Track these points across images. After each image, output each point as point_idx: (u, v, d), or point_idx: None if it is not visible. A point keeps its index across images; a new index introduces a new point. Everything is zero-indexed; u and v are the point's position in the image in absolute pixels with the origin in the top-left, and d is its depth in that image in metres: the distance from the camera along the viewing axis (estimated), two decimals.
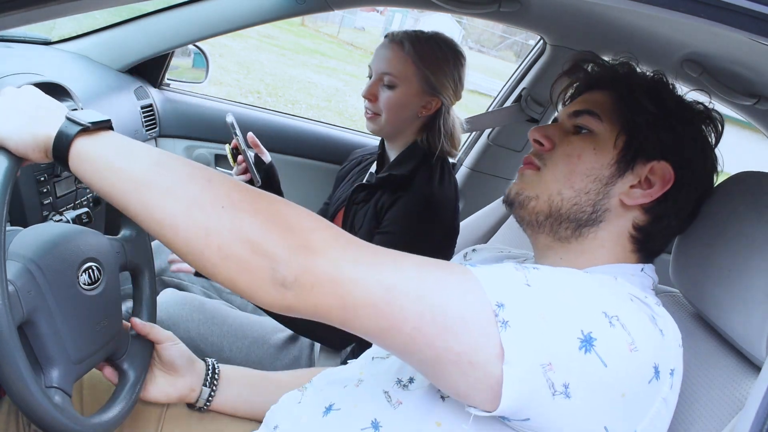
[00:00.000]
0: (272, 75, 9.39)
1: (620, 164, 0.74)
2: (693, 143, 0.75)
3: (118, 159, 0.63)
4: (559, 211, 0.75)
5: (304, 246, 0.57)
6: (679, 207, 0.76)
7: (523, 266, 0.61)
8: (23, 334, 0.72)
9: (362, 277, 0.57)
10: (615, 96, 0.77)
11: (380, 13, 19.09)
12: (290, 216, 0.59)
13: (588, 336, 0.56)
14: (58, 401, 0.73)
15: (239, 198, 0.59)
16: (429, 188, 1.33)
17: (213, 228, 0.57)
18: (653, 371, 0.59)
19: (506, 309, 0.56)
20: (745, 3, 0.57)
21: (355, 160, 1.62)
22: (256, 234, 0.57)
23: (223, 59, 8.80)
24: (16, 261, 0.72)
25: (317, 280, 0.56)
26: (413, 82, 1.35)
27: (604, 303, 0.59)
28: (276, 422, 0.85)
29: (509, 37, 20.26)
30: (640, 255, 0.77)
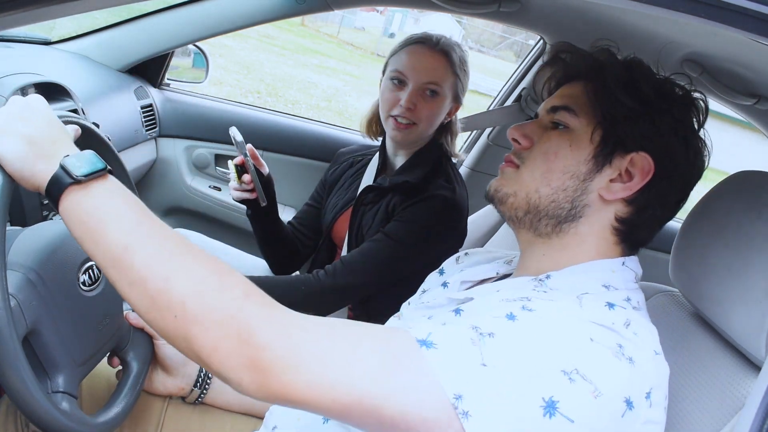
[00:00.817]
0: (272, 75, 9.39)
1: (597, 159, 0.73)
2: (672, 132, 0.73)
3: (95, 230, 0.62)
4: (537, 208, 0.75)
5: (254, 367, 0.57)
6: (663, 196, 0.74)
7: (479, 337, 0.59)
8: (28, 344, 0.73)
9: (317, 398, 0.57)
10: (591, 89, 0.76)
11: (380, 13, 19.09)
12: (245, 327, 0.57)
13: (550, 401, 0.56)
14: (65, 407, 0.74)
15: (193, 308, 0.58)
16: (449, 190, 1.33)
17: (171, 335, 0.59)
18: (625, 405, 0.59)
19: (464, 399, 0.56)
20: (745, 3, 0.57)
21: (346, 163, 1.60)
22: (206, 354, 0.57)
23: (223, 59, 8.80)
24: (16, 271, 0.72)
25: (272, 397, 0.58)
26: (449, 91, 1.36)
27: (562, 359, 0.58)
28: (274, 423, 0.85)
29: (509, 37, 20.26)
30: (624, 246, 0.76)
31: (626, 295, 0.71)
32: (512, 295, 0.70)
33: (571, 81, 0.80)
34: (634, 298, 0.71)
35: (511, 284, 0.76)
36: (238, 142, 1.34)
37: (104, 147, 0.88)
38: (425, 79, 1.32)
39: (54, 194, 0.64)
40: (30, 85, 1.31)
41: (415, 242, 1.30)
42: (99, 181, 0.64)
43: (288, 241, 1.56)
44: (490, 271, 0.85)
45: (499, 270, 0.85)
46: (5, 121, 0.67)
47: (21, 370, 0.67)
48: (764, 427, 0.63)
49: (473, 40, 23.14)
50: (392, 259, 1.29)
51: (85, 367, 0.80)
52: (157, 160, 2.10)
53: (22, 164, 0.65)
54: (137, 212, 0.63)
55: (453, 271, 0.92)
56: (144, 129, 1.91)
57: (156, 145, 2.07)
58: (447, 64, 1.34)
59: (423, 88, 1.32)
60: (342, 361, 0.58)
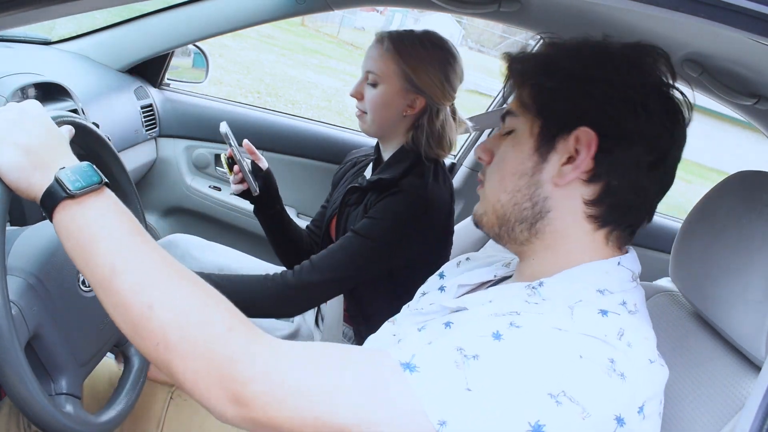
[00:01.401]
0: (272, 75, 9.39)
1: (540, 150, 0.72)
2: (608, 97, 0.69)
3: (85, 248, 0.62)
4: (505, 217, 0.75)
5: (237, 401, 0.57)
6: (622, 163, 0.69)
7: (464, 359, 0.59)
8: (30, 348, 0.73)
9: (300, 428, 0.57)
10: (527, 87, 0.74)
11: (380, 13, 19.09)
12: (227, 362, 0.57)
13: (537, 425, 0.55)
14: (69, 410, 0.74)
15: (175, 339, 0.58)
16: (420, 189, 1.31)
17: (155, 361, 0.60)
18: (615, 422, 0.58)
19: (449, 426, 0.56)
20: (745, 3, 0.57)
21: (350, 162, 1.61)
22: (189, 385, 0.58)
23: (223, 59, 8.80)
24: (17, 276, 0.72)
25: (256, 428, 0.58)
26: (394, 81, 1.33)
27: (549, 381, 0.57)
28: None
29: (509, 37, 20.26)
30: (612, 234, 0.73)
31: (621, 299, 0.69)
32: (502, 308, 0.68)
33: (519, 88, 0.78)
34: (630, 301, 0.69)
35: (505, 292, 0.75)
36: (224, 134, 1.36)
37: (104, 147, 0.88)
38: (365, 68, 1.37)
39: (48, 206, 0.64)
40: (30, 85, 1.31)
41: (383, 237, 1.27)
42: (93, 195, 0.64)
43: (302, 243, 1.57)
44: (488, 275, 0.84)
45: (496, 273, 0.84)
46: (2, 130, 0.66)
47: (24, 378, 0.67)
48: (764, 427, 0.63)
49: (473, 40, 23.14)
50: (359, 256, 1.28)
51: (87, 366, 0.80)
52: (157, 160, 2.10)
53: (18, 174, 0.65)
54: (128, 232, 0.63)
55: (453, 275, 0.92)
56: (144, 129, 1.91)
57: (156, 145, 2.07)
58: (380, 51, 1.34)
59: (365, 77, 1.37)
60: (325, 392, 0.58)
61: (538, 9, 1.58)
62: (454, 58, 1.38)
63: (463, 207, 2.15)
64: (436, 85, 1.34)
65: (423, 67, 1.33)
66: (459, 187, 2.16)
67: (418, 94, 1.34)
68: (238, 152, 1.38)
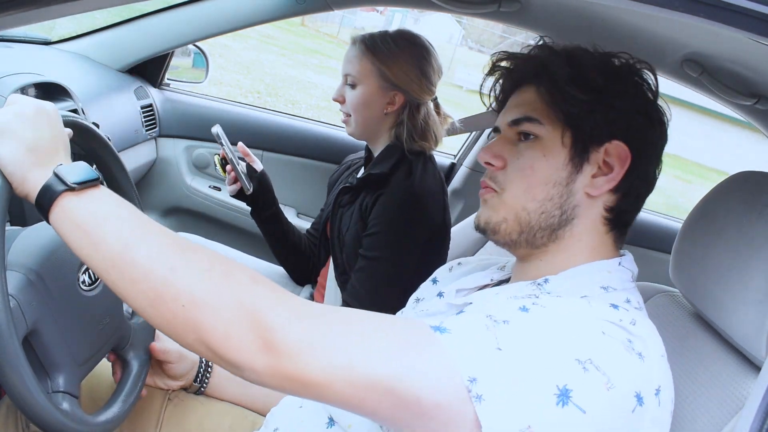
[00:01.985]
0: (272, 75, 9.39)
1: (574, 161, 0.73)
2: (633, 110, 0.73)
3: (92, 234, 0.62)
4: (530, 225, 0.74)
5: (267, 349, 0.56)
6: (644, 174, 0.75)
7: (494, 323, 0.60)
8: (28, 344, 0.73)
9: (332, 380, 0.56)
10: (543, 92, 0.75)
11: (380, 13, 19.09)
12: (255, 310, 0.57)
13: (564, 389, 0.56)
14: (66, 408, 0.74)
15: (201, 294, 0.57)
16: (408, 184, 1.33)
17: (179, 327, 0.58)
18: (636, 400, 0.59)
19: (479, 383, 0.56)
20: (745, 3, 0.57)
21: (345, 165, 1.62)
22: (217, 341, 0.57)
23: (223, 59, 8.80)
24: (16, 271, 0.72)
25: (286, 382, 0.57)
26: (371, 80, 1.36)
27: (576, 348, 0.58)
28: (276, 425, 0.85)
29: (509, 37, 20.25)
30: (614, 233, 0.76)
31: (626, 297, 0.71)
32: (518, 293, 0.70)
33: (519, 87, 0.79)
34: (634, 299, 0.71)
35: (510, 288, 0.76)
36: (215, 134, 1.38)
37: (104, 147, 0.88)
38: (344, 71, 1.40)
39: (46, 201, 0.64)
40: (30, 85, 1.31)
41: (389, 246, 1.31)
42: (92, 189, 0.65)
43: (300, 245, 1.58)
44: (485, 278, 0.85)
45: (493, 276, 0.85)
46: (13, 122, 0.66)
47: (21, 371, 0.67)
48: (764, 427, 0.63)
49: (473, 40, 23.14)
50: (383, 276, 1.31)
51: (85, 366, 0.80)
52: (157, 160, 2.10)
53: (13, 169, 0.65)
54: (134, 213, 0.63)
55: (447, 280, 0.92)
56: (144, 129, 1.91)
57: (156, 145, 2.07)
58: (358, 53, 1.37)
59: (345, 79, 1.40)
60: (357, 342, 0.57)
61: (538, 9, 1.58)
62: (429, 52, 1.40)
63: (463, 207, 2.15)
64: (413, 80, 1.37)
65: (397, 64, 1.35)
66: (459, 187, 2.16)
67: (396, 91, 1.37)
68: (231, 152, 1.39)
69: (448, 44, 19.06)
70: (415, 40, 1.40)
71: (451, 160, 2.23)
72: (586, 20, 1.50)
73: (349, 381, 0.56)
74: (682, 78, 1.44)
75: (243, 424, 1.03)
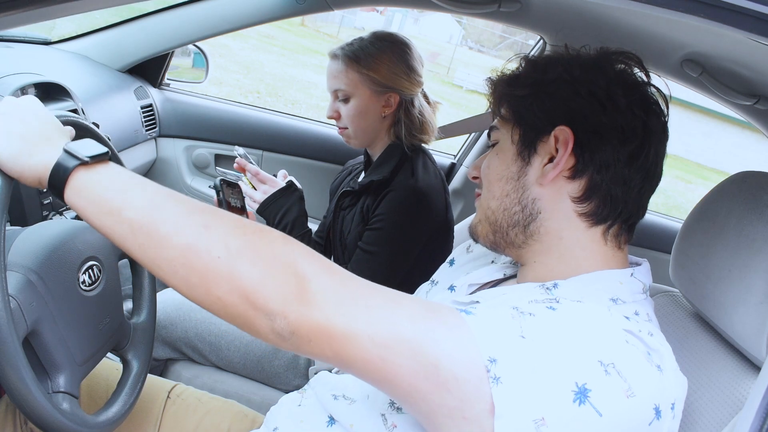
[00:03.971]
0: (272, 75, 9.39)
1: (522, 154, 0.75)
2: (574, 95, 0.72)
3: (115, 200, 0.62)
4: (497, 223, 0.77)
5: (300, 298, 0.57)
6: (599, 158, 0.71)
7: (520, 313, 0.60)
8: (28, 344, 0.73)
9: (357, 333, 0.57)
10: (502, 102, 0.79)
11: (380, 13, 19.09)
12: (289, 262, 0.59)
13: (583, 387, 0.56)
14: (66, 408, 0.74)
15: (237, 246, 0.58)
16: (413, 181, 1.34)
17: (211, 279, 0.58)
18: (654, 413, 0.59)
19: (498, 364, 0.56)
20: (745, 3, 0.57)
21: (347, 170, 1.63)
22: (253, 287, 0.57)
23: (223, 59, 8.80)
24: (16, 272, 0.72)
25: (312, 334, 0.57)
26: (362, 89, 1.37)
27: (600, 350, 0.58)
28: (276, 424, 0.85)
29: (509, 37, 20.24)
30: (610, 233, 0.73)
31: (635, 309, 0.70)
32: (531, 297, 0.69)
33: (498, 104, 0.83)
34: (643, 311, 0.70)
35: (518, 289, 0.75)
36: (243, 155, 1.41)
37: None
38: (332, 88, 1.41)
39: (60, 178, 0.64)
40: (30, 85, 1.31)
41: (391, 243, 1.31)
42: (103, 164, 0.66)
43: None
44: (498, 272, 0.85)
45: (506, 271, 0.85)
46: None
47: (21, 371, 0.67)
48: (764, 427, 0.63)
49: (473, 40, 23.14)
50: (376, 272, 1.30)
51: (85, 366, 0.80)
52: (157, 160, 2.10)
53: (17, 160, 0.66)
54: (152, 182, 0.64)
55: (462, 260, 0.94)
56: (144, 129, 1.91)
57: (156, 145, 2.07)
58: (342, 66, 1.37)
59: (335, 95, 1.41)
60: (384, 302, 0.59)
61: (538, 9, 1.58)
62: (407, 45, 1.41)
63: (463, 207, 2.15)
64: (402, 77, 1.38)
65: (383, 66, 1.36)
66: (459, 187, 2.16)
67: (389, 93, 1.38)
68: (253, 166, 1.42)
69: (448, 44, 19.06)
70: (393, 38, 1.41)
71: (451, 160, 2.24)
72: (586, 20, 1.50)
73: (372, 337, 0.57)
74: (682, 78, 1.44)
75: (242, 423, 1.03)
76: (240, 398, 1.28)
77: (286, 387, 1.40)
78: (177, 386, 1.07)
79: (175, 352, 1.40)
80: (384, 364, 0.57)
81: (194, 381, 1.37)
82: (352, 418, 0.77)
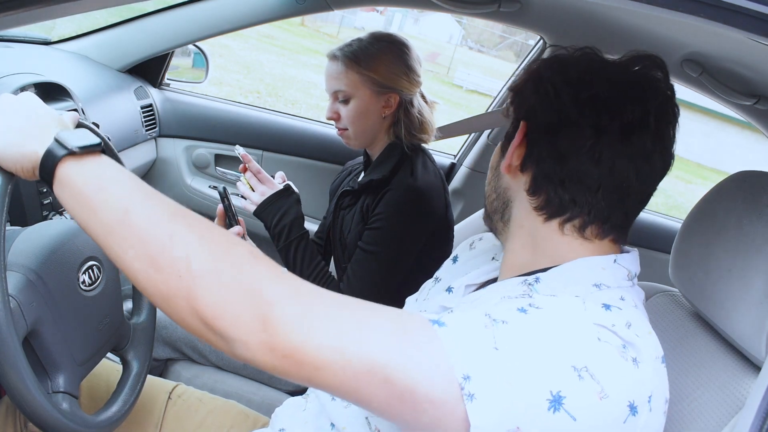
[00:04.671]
0: (272, 75, 9.39)
1: (504, 146, 0.79)
2: (533, 92, 0.75)
3: (93, 197, 0.61)
4: (487, 209, 0.83)
5: (262, 327, 0.55)
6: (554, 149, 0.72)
7: (492, 321, 0.60)
8: (28, 344, 0.73)
9: (326, 363, 0.55)
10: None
11: (380, 13, 19.09)
12: (253, 286, 0.56)
13: (557, 395, 0.56)
14: (65, 408, 0.74)
15: (199, 266, 0.56)
16: (412, 180, 1.34)
17: (171, 297, 0.57)
18: (628, 410, 0.59)
19: (472, 381, 0.56)
20: (745, 3, 0.57)
21: (346, 171, 1.63)
22: (212, 312, 0.55)
23: (223, 59, 8.80)
24: (16, 272, 0.72)
25: (278, 362, 0.56)
26: (363, 89, 1.36)
27: (573, 355, 0.58)
28: (282, 425, 0.85)
29: (509, 37, 20.25)
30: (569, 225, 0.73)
31: (620, 294, 0.69)
32: (510, 292, 0.70)
33: None
34: (629, 297, 0.70)
35: (501, 286, 0.76)
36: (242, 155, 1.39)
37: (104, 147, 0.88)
38: (331, 89, 1.40)
39: (48, 168, 0.63)
40: (30, 85, 1.31)
41: (391, 243, 1.32)
42: (94, 155, 0.65)
43: None
44: (494, 272, 0.85)
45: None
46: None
47: (21, 371, 0.67)
48: (764, 427, 0.63)
49: (473, 40, 23.14)
50: (376, 272, 1.31)
51: (85, 366, 0.80)
52: (157, 160, 2.10)
53: (9, 151, 0.65)
54: (134, 179, 0.63)
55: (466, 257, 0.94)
56: (144, 129, 1.91)
57: (156, 145, 2.07)
58: (337, 67, 1.37)
59: (335, 97, 1.40)
60: (354, 326, 0.57)
61: (538, 9, 1.58)
62: (406, 45, 1.41)
63: (463, 207, 2.15)
64: (401, 77, 1.38)
65: (383, 66, 1.36)
66: (459, 186, 2.16)
67: (389, 93, 1.38)
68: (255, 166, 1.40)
69: (448, 44, 19.06)
70: (392, 38, 1.41)
71: (451, 160, 2.24)
72: (586, 20, 1.50)
73: (343, 364, 0.55)
74: (682, 78, 1.44)
75: (244, 423, 1.03)
76: (240, 398, 1.28)
77: (286, 387, 1.40)
78: (178, 386, 1.07)
79: (176, 352, 1.40)
80: (357, 390, 0.57)
81: (194, 381, 1.37)
82: (346, 421, 0.77)
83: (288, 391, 1.40)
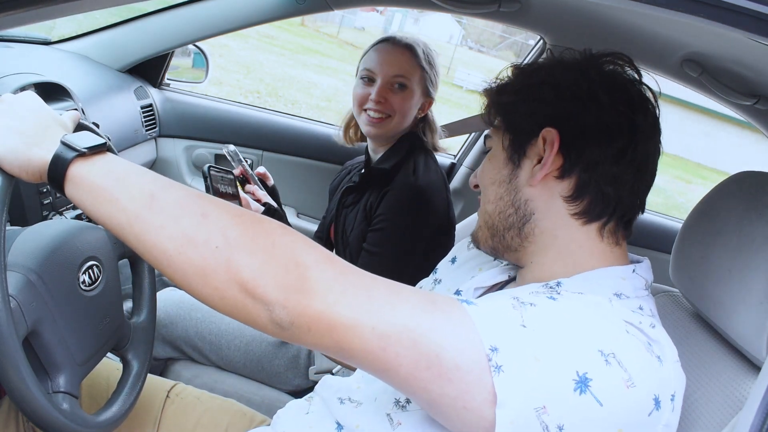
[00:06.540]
0: (272, 75, 9.39)
1: (512, 158, 0.76)
2: (558, 97, 0.74)
3: (113, 189, 0.62)
4: (495, 226, 0.78)
5: (299, 288, 0.57)
6: (588, 154, 0.72)
7: (521, 303, 0.61)
8: (28, 344, 0.73)
9: (358, 323, 0.57)
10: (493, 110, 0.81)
11: (380, 13, 19.08)
12: (288, 251, 0.58)
13: (583, 377, 0.56)
14: (66, 408, 0.74)
15: (235, 236, 0.58)
16: (414, 179, 1.36)
17: (208, 269, 0.58)
18: (653, 403, 0.59)
19: (500, 353, 0.56)
20: (745, 3, 0.57)
21: (345, 170, 1.64)
22: (251, 277, 0.57)
23: (223, 59, 8.80)
24: (17, 272, 0.72)
25: (313, 324, 0.57)
26: (419, 85, 1.42)
27: (601, 340, 0.58)
28: (284, 428, 0.85)
29: (509, 37, 20.25)
30: (606, 230, 0.73)
31: (638, 304, 0.70)
32: (536, 290, 0.70)
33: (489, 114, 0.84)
34: (647, 307, 0.71)
35: (520, 288, 0.75)
36: (233, 153, 1.34)
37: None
38: (392, 73, 1.39)
39: (59, 170, 0.64)
40: (30, 85, 1.31)
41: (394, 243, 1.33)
42: (101, 154, 0.66)
43: None
44: (503, 274, 0.85)
45: (510, 273, 0.85)
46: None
47: (22, 371, 0.67)
48: (764, 427, 0.63)
49: (473, 40, 23.14)
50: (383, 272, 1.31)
51: (85, 366, 0.80)
52: (157, 160, 2.10)
53: (16, 155, 0.66)
54: (148, 170, 0.65)
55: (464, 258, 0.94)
56: (144, 129, 1.91)
57: (156, 145, 2.07)
58: (411, 57, 1.41)
59: (391, 81, 1.39)
60: (385, 292, 0.59)
61: (538, 9, 1.58)
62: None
63: (463, 207, 2.15)
64: (437, 86, 1.47)
65: (436, 72, 1.45)
66: (459, 186, 2.16)
67: (429, 97, 1.46)
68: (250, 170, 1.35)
69: (448, 44, 19.06)
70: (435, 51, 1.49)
71: (451, 160, 2.24)
72: (586, 20, 1.50)
73: (374, 327, 0.57)
74: (682, 78, 1.44)
75: (241, 421, 1.03)
76: (240, 398, 1.28)
77: (286, 387, 1.40)
78: (176, 386, 1.07)
79: (176, 351, 1.40)
80: (385, 354, 0.57)
81: (194, 380, 1.37)
82: (358, 420, 0.77)
83: (288, 391, 1.40)
